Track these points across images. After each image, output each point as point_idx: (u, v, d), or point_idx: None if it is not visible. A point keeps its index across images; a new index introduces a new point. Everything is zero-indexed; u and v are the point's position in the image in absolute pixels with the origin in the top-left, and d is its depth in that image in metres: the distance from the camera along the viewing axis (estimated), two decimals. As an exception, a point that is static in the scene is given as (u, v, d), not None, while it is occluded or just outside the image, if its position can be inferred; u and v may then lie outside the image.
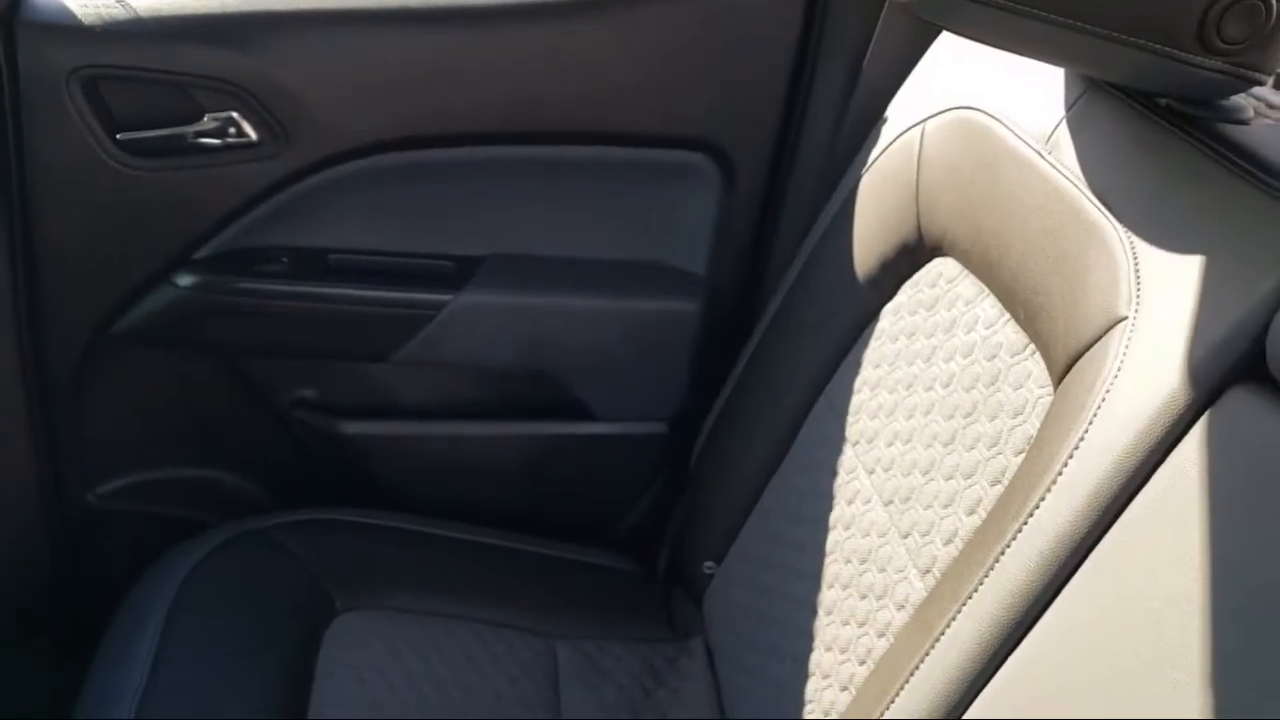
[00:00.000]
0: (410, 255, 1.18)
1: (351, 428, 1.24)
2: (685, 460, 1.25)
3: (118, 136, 1.06)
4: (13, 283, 1.09)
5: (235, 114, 1.08)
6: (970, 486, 0.81)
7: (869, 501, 0.93)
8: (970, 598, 0.71)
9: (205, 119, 1.08)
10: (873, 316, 1.01)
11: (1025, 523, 0.68)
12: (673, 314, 1.22)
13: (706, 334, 1.24)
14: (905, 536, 0.86)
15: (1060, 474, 0.67)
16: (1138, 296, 0.68)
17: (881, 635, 0.84)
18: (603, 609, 1.20)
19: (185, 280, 1.14)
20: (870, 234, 1.03)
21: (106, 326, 1.15)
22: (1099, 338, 0.70)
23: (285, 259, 1.16)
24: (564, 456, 1.29)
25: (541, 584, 1.21)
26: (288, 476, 1.28)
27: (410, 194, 1.17)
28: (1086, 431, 0.67)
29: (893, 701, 0.74)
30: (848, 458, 0.98)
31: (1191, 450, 0.61)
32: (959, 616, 0.71)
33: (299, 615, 1.04)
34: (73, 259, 1.10)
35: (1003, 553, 0.69)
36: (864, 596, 0.89)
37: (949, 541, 0.81)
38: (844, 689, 0.86)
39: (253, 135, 1.09)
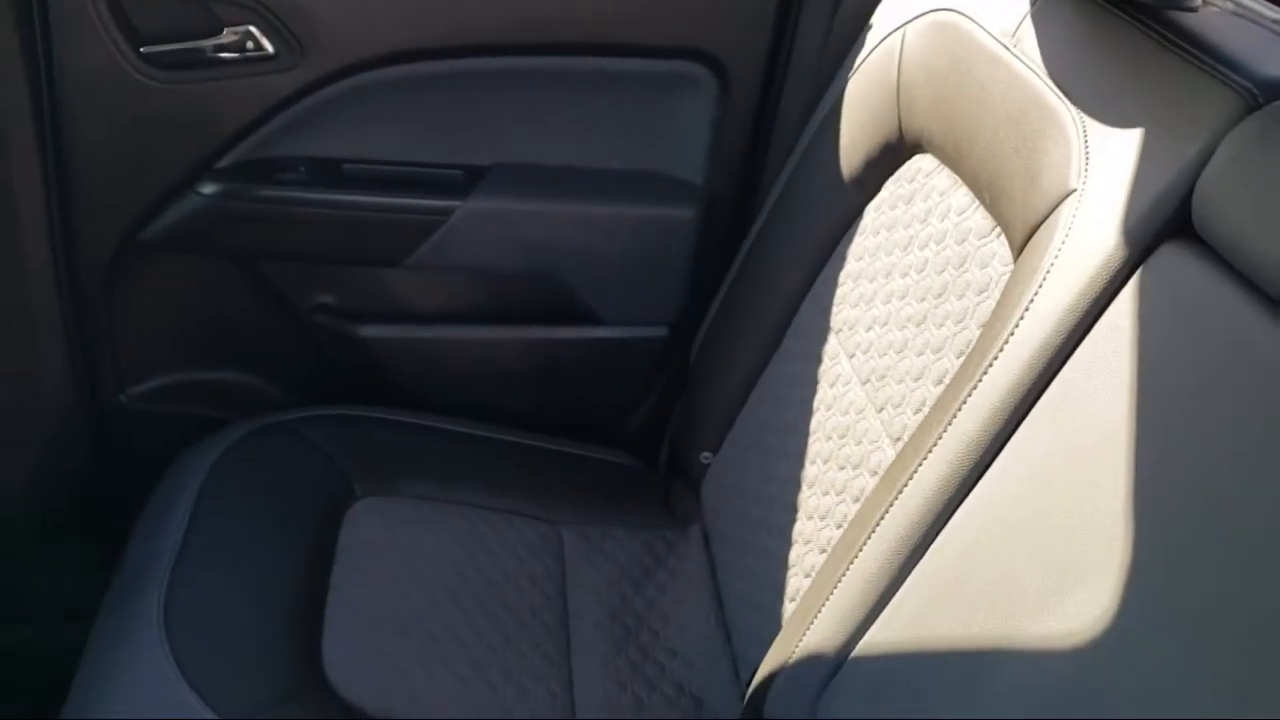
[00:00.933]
0: (420, 165, 1.24)
1: (368, 331, 1.31)
2: (686, 363, 1.31)
3: (141, 50, 1.12)
4: (45, 192, 1.16)
5: (253, 28, 1.13)
6: (939, 360, 0.87)
7: (849, 383, 0.99)
8: (930, 452, 0.77)
9: (224, 33, 1.13)
10: (857, 214, 1.06)
11: (979, 381, 0.75)
12: (671, 220, 1.28)
13: (704, 240, 1.29)
14: (880, 410, 0.93)
15: (1011, 335, 0.73)
16: (1086, 170, 0.73)
17: (856, 500, 0.91)
18: (607, 499, 1.27)
19: (208, 189, 1.20)
20: (855, 135, 1.08)
21: (134, 234, 1.22)
22: (1051, 211, 0.75)
23: (302, 168, 1.22)
24: (569, 359, 1.35)
25: (549, 476, 1.28)
26: (309, 379, 1.35)
27: (420, 105, 1.22)
28: (1035, 295, 0.72)
29: (859, 552, 0.81)
30: (831, 345, 1.04)
31: (1126, 304, 0.66)
32: (920, 469, 0.77)
33: (321, 498, 1.11)
34: (101, 168, 1.17)
35: (959, 410, 0.76)
36: (842, 468, 0.95)
37: (918, 410, 0.87)
38: (822, 551, 0.93)
39: (269, 48, 1.14)
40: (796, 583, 0.95)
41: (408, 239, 1.24)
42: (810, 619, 0.85)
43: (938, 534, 0.75)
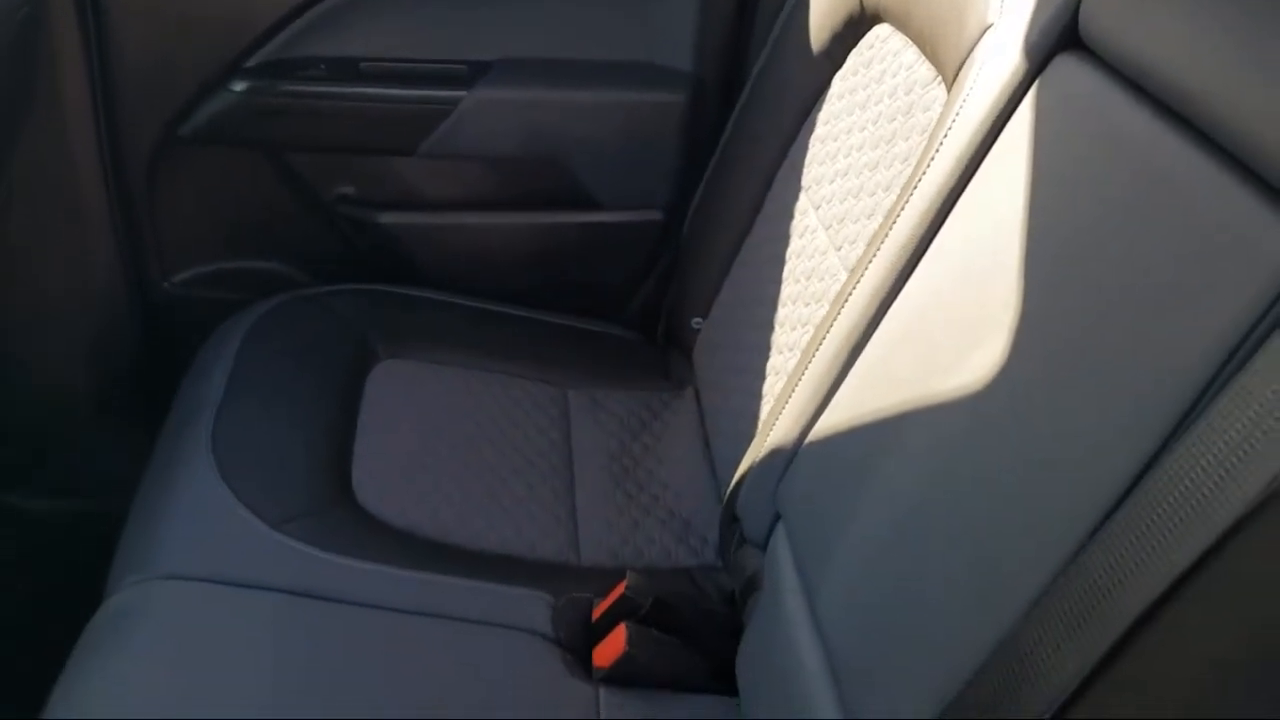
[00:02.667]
0: (428, 61, 1.35)
1: (386, 219, 1.42)
2: (679, 245, 1.43)
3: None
4: (90, 88, 1.28)
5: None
6: (888, 196, 0.98)
7: (815, 232, 1.10)
8: (869, 263, 0.88)
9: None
10: (826, 84, 1.17)
11: (910, 196, 0.85)
12: (661, 106, 1.38)
13: (693, 125, 1.40)
14: (839, 249, 1.04)
15: (936, 152, 0.84)
16: (1002, 4, 0.84)
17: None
18: (608, 366, 1.39)
19: (238, 86, 1.32)
20: (823, 14, 1.18)
21: (173, 129, 1.34)
22: (973, 47, 0.85)
23: (322, 65, 1.34)
24: (571, 243, 1.47)
25: (555, 347, 1.40)
26: (333, 264, 1.47)
27: (427, 7, 1.33)
28: (956, 117, 0.83)
29: (812, 358, 0.93)
30: (801, 202, 1.15)
31: (1026, 112, 0.77)
32: (861, 278, 0.89)
33: (346, 357, 1.24)
34: (141, 66, 1.29)
35: (893, 223, 0.87)
36: (807, 304, 1.07)
37: (870, 243, 0.98)
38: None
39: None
40: (767, 407, 1.06)
41: (419, 128, 1.35)
42: (772, 423, 0.96)
43: (876, 326, 0.86)
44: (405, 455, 1.15)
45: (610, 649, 0.97)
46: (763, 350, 1.13)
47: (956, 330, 0.76)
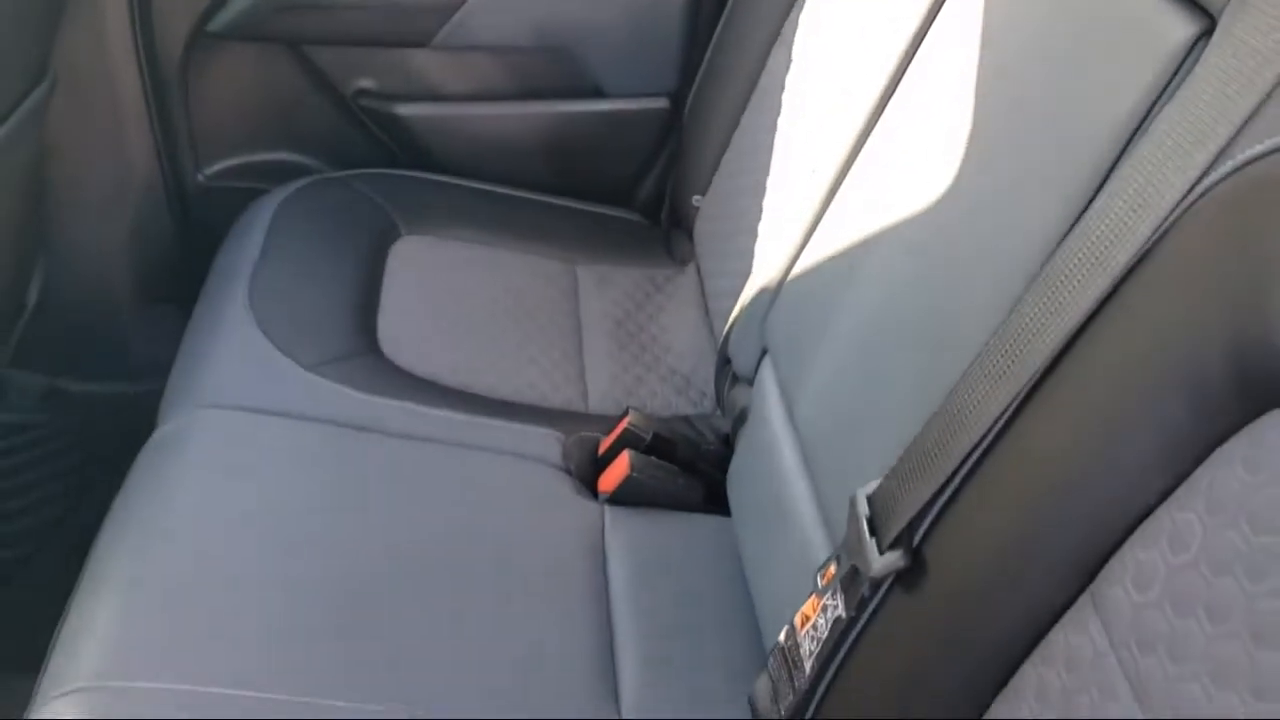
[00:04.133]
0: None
1: (404, 110, 1.51)
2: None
3: None
4: (124, -16, 1.36)
5: None
6: (872, 63, 1.05)
7: (807, 95, 1.18)
8: (847, 119, 0.97)
9: None
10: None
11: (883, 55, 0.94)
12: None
13: (699, 11, 1.47)
14: (827, 115, 1.12)
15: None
16: None
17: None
18: (615, 245, 1.48)
19: (263, -18, 1.40)
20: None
21: (203, 24, 1.42)
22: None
23: (340, -39, 1.42)
24: (581, 132, 1.55)
25: (565, 227, 1.49)
26: (355, 155, 1.56)
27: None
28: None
29: (792, 214, 1.01)
30: (793, 72, 1.23)
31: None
32: (841, 130, 0.97)
33: (371, 230, 1.33)
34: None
35: (872, 71, 0.95)
36: (797, 166, 1.15)
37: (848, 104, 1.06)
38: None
39: None
40: (757, 259, 1.15)
41: (433, 19, 1.43)
42: (759, 270, 1.05)
43: (849, 168, 0.94)
44: (427, 317, 1.24)
45: (615, 474, 1.07)
46: (755, 213, 1.22)
47: (909, 155, 0.84)
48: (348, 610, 0.88)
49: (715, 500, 1.10)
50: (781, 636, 0.81)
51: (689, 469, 1.12)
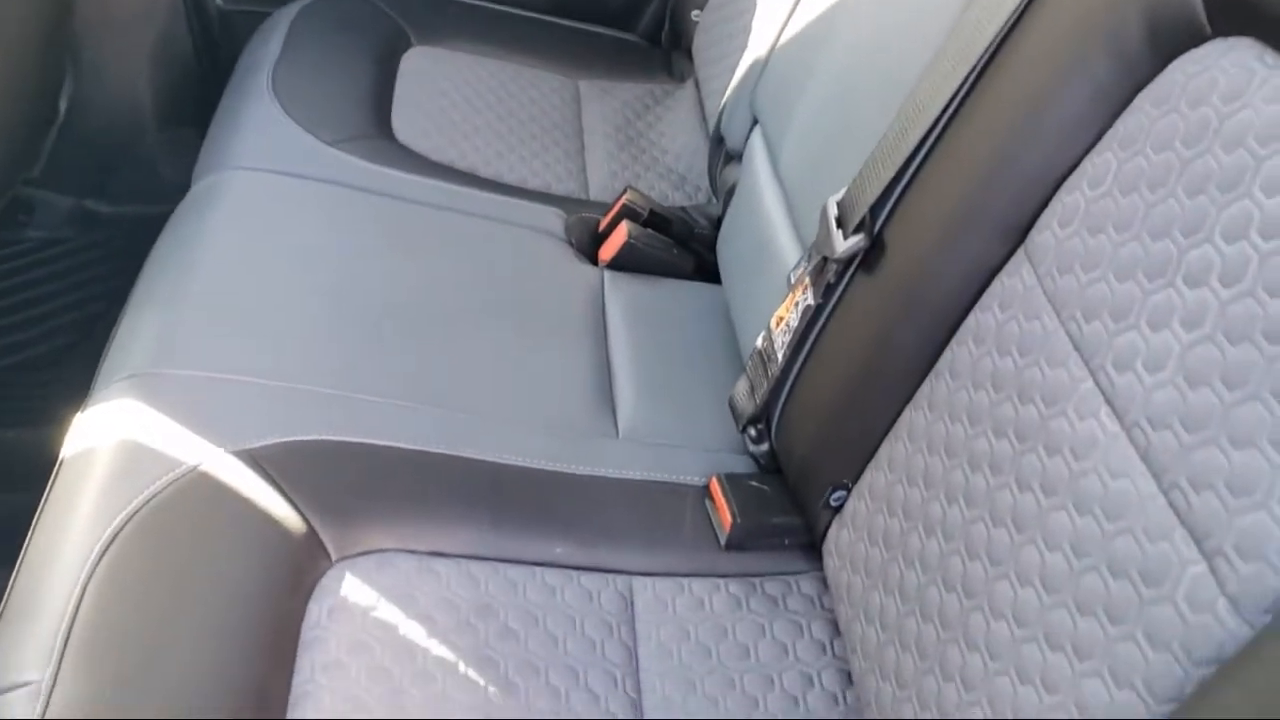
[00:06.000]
0: None
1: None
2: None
3: None
4: None
5: None
6: None
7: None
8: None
9: None
10: None
11: None
12: None
13: None
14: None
15: None
16: None
17: None
18: (617, 63, 1.55)
19: None
20: None
21: None
22: None
23: None
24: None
25: (569, 45, 1.55)
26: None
27: None
28: None
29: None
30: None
31: None
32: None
33: (385, 37, 1.40)
34: None
35: None
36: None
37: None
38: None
39: None
40: (750, 45, 1.22)
41: None
42: (752, 49, 1.13)
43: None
44: (437, 113, 1.32)
45: (614, 243, 1.16)
46: (749, 16, 1.29)
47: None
48: (375, 331, 0.97)
49: (705, 276, 1.19)
50: (759, 341, 0.91)
51: (682, 245, 1.20)
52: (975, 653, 0.64)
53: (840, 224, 0.80)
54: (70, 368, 1.57)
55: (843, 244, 0.78)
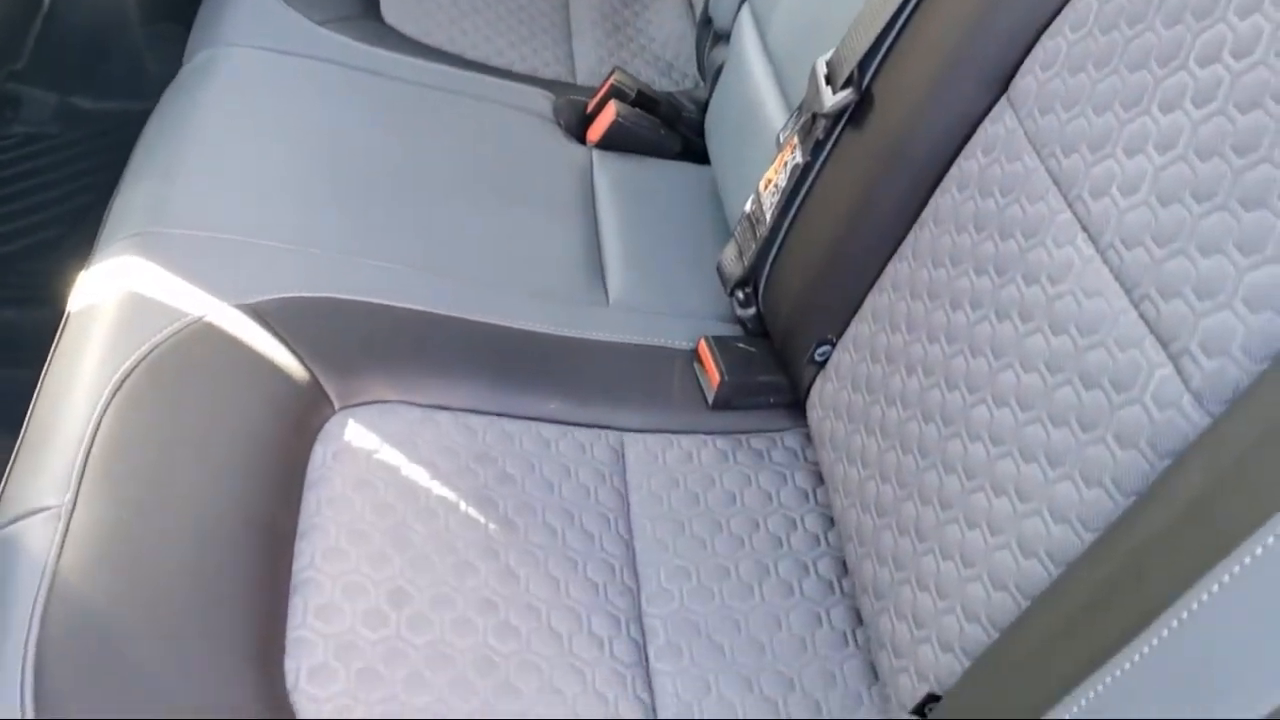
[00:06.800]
0: None
1: None
2: None
3: None
4: None
5: None
6: None
7: None
8: None
9: None
10: None
11: None
12: None
13: None
14: None
15: None
16: None
17: None
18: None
19: None
20: None
21: None
22: None
23: None
24: None
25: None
26: None
27: None
28: None
29: None
30: None
31: None
32: None
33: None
34: None
35: None
36: None
37: None
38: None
39: None
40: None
41: None
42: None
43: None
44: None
45: (602, 122, 1.18)
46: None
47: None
48: (371, 200, 0.99)
49: (693, 159, 1.21)
50: (747, 206, 0.93)
51: (669, 126, 1.22)
52: (952, 474, 0.68)
53: (829, 81, 0.83)
54: (58, 258, 1.58)
55: (831, 99, 0.81)
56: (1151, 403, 0.55)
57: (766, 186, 0.90)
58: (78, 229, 1.60)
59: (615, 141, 1.17)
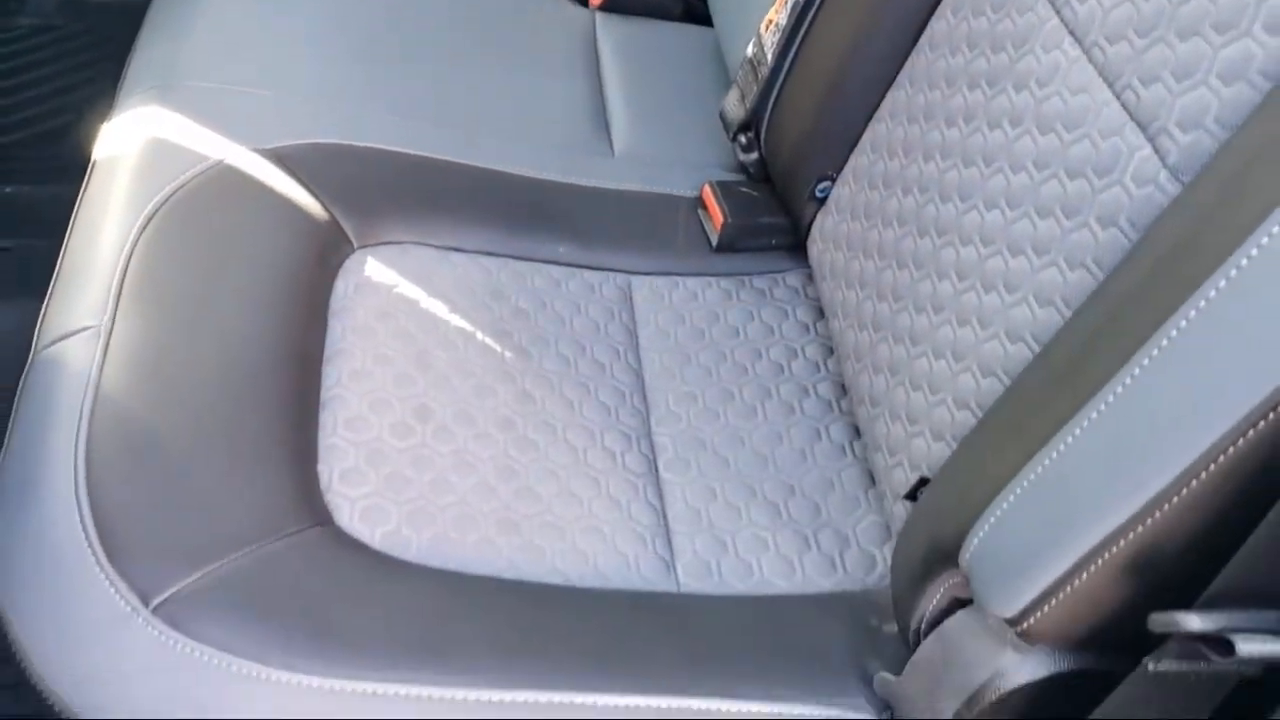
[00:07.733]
0: None
1: None
2: None
3: None
4: None
5: None
6: None
7: None
8: None
9: None
10: None
11: None
12: None
13: None
14: None
15: None
16: None
17: None
18: None
19: None
20: None
21: None
22: None
23: None
24: None
25: None
26: None
27: None
28: None
29: None
30: None
31: None
32: None
33: None
34: None
35: None
36: None
37: None
38: None
39: None
40: None
41: None
42: None
43: None
44: None
45: (603, -12, 1.20)
46: None
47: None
48: (382, 57, 1.02)
49: (694, 22, 1.23)
50: (749, 50, 0.96)
51: (670, -12, 1.24)
52: (945, 280, 0.71)
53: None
54: (69, 143, 1.61)
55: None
56: (1131, 182, 0.59)
57: (768, 28, 0.92)
58: (85, 117, 1.63)
59: (617, 4, 1.19)
